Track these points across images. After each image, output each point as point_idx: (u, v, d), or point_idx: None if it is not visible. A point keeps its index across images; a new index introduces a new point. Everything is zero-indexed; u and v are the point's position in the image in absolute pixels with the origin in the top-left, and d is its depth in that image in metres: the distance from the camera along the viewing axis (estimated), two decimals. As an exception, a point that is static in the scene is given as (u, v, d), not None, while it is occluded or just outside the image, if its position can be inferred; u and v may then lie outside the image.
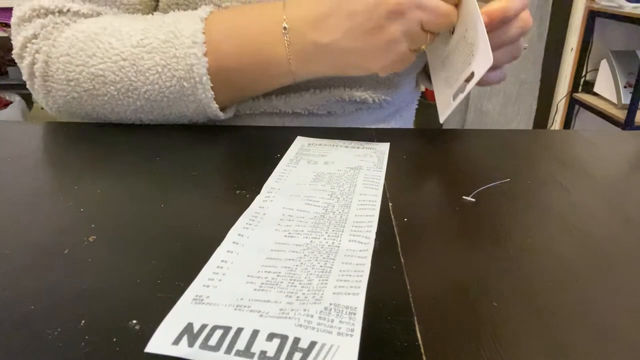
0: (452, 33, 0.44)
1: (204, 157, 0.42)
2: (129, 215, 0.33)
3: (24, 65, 0.47)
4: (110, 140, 0.46)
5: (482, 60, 0.40)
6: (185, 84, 0.44)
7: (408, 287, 0.26)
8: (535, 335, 0.23)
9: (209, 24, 0.44)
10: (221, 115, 0.47)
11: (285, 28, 0.43)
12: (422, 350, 0.22)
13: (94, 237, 0.30)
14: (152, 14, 0.49)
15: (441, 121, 0.46)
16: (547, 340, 0.23)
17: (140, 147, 0.44)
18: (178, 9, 0.48)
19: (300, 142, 0.45)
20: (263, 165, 0.40)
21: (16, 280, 0.26)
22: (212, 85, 0.44)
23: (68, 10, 0.46)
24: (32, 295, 0.25)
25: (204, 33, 0.43)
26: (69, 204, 0.34)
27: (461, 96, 0.43)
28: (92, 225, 0.31)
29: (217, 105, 0.46)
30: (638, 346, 0.23)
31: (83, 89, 0.45)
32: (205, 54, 0.43)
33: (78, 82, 0.45)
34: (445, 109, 0.46)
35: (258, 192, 0.36)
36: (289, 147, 0.44)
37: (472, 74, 0.41)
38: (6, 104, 2.20)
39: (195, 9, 0.48)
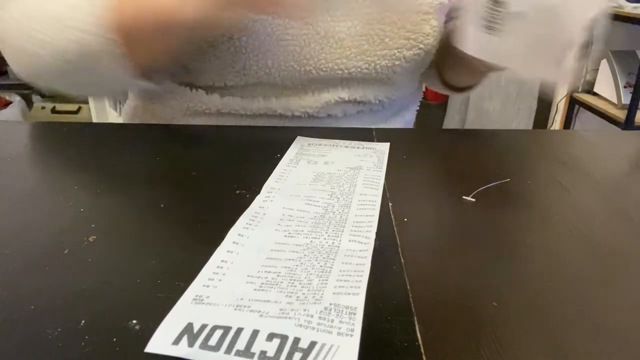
0: (516, 19, 0.41)
1: (204, 157, 0.42)
2: (129, 215, 0.33)
3: None
4: (111, 140, 0.46)
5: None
6: (95, 38, 0.43)
7: (408, 287, 0.26)
8: (535, 335, 0.23)
9: None
10: (140, 80, 0.47)
11: None
12: (422, 350, 0.22)
13: (94, 237, 0.30)
14: None
15: (561, 85, 0.44)
16: (547, 340, 0.23)
17: (140, 147, 0.44)
18: None
19: (300, 142, 0.45)
20: (263, 165, 0.40)
21: (16, 280, 0.26)
22: (120, 40, 0.43)
23: None
24: (32, 295, 0.25)
25: None
26: (69, 204, 0.34)
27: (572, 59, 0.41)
28: (92, 225, 0.31)
29: (129, 62, 0.45)
30: (638, 346, 0.23)
31: (27, 53, 0.46)
32: (111, 10, 0.43)
33: (23, 47, 0.46)
34: (563, 77, 0.43)
35: (258, 192, 0.36)
36: (289, 147, 0.44)
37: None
38: (6, 104, 2.20)
39: None
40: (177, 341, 0.22)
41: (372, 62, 0.54)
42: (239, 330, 0.23)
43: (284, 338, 0.22)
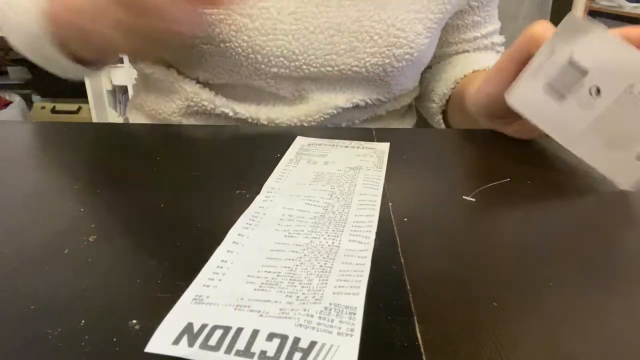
0: (596, 94, 0.36)
1: (204, 157, 0.42)
2: (129, 215, 0.33)
3: None
4: (110, 140, 0.46)
5: None
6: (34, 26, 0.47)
7: (408, 287, 0.26)
8: (536, 335, 0.23)
9: None
10: (81, 68, 0.50)
11: None
12: (422, 350, 0.22)
13: (94, 237, 0.30)
14: None
15: (626, 188, 0.38)
16: (547, 341, 0.23)
17: (140, 147, 0.44)
18: None
19: (300, 142, 0.45)
20: (263, 165, 0.40)
21: (16, 280, 0.26)
22: (54, 30, 0.46)
23: None
24: (32, 295, 0.25)
25: None
26: (69, 204, 0.34)
27: None
28: (92, 225, 0.31)
29: (65, 51, 0.48)
30: (639, 346, 0.23)
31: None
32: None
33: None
34: (629, 174, 0.37)
35: (258, 192, 0.36)
36: (289, 147, 0.44)
37: None
38: (6, 104, 2.21)
39: None
40: (177, 341, 0.22)
41: (362, 60, 0.54)
42: (239, 330, 0.23)
43: (284, 338, 0.22)
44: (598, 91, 0.36)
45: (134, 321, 0.23)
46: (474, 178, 0.40)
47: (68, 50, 0.48)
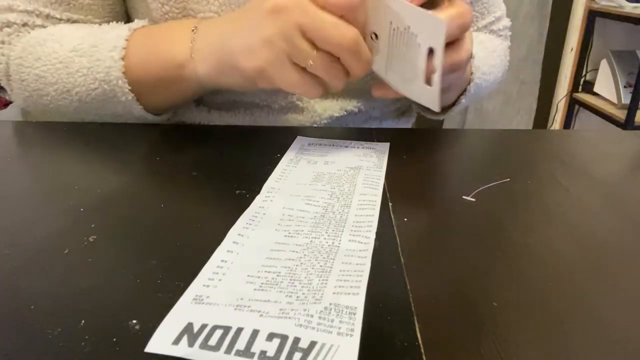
0: (375, 38, 0.40)
1: (204, 157, 0.42)
2: (129, 215, 0.33)
3: None
4: (110, 140, 0.46)
5: (432, 30, 0.37)
6: (105, 86, 0.46)
7: (408, 287, 0.26)
8: (535, 335, 0.23)
9: (136, 33, 0.46)
10: (150, 117, 0.49)
11: (195, 28, 0.44)
12: (422, 350, 0.22)
13: (94, 237, 0.30)
14: None
15: (437, 109, 0.41)
16: (547, 340, 0.23)
17: (140, 147, 0.45)
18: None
19: (300, 142, 0.45)
20: (263, 165, 0.40)
21: (16, 280, 0.26)
22: (130, 87, 0.45)
23: (33, 23, 0.49)
24: (32, 295, 0.25)
25: (127, 40, 0.45)
26: (69, 204, 0.34)
27: (437, 77, 0.39)
28: (92, 225, 0.31)
29: (140, 106, 0.47)
30: (638, 346, 0.23)
31: (32, 88, 0.48)
32: (122, 58, 0.45)
33: (28, 83, 0.48)
34: (431, 98, 0.40)
35: (258, 192, 0.36)
36: (289, 147, 0.44)
37: (431, 51, 0.38)
38: (6, 104, 2.20)
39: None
40: (177, 341, 0.22)
41: None
42: (239, 330, 0.23)
43: (284, 338, 0.22)
44: (376, 36, 0.40)
45: (134, 321, 0.23)
46: (474, 178, 0.40)
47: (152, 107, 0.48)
